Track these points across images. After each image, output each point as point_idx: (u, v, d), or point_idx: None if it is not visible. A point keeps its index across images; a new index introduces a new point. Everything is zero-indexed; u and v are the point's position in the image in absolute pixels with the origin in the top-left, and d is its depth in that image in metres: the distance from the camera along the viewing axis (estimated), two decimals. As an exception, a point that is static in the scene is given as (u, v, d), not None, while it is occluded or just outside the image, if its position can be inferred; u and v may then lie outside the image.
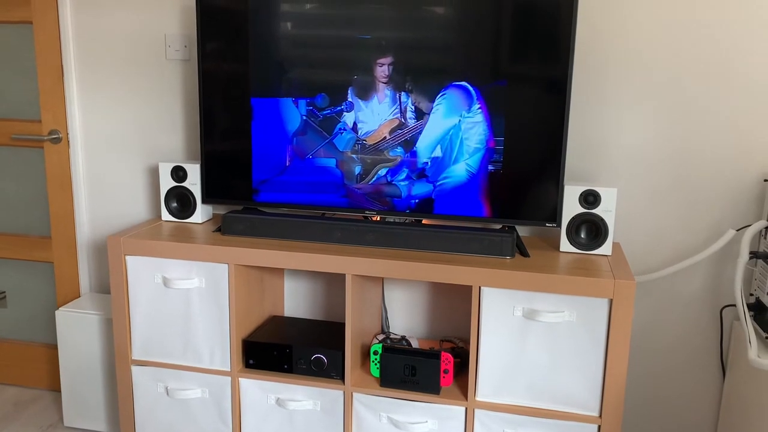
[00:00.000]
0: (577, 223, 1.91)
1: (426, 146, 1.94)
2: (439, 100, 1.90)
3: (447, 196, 1.95)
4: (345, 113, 1.98)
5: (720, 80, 1.97)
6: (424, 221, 2.03)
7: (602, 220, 1.89)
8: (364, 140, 1.98)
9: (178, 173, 2.17)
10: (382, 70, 1.93)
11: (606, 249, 1.91)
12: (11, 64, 2.49)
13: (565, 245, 1.93)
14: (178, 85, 2.34)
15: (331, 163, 2.02)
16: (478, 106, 1.88)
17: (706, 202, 2.04)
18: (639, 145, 2.05)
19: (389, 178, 1.98)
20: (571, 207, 1.91)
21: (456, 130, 1.91)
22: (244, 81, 2.03)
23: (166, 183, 2.18)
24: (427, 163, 1.95)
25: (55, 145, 2.47)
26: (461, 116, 1.90)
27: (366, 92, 1.95)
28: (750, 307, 1.94)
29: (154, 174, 2.43)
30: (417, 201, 1.98)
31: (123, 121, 2.42)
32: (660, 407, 2.20)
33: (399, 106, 1.93)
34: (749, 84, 1.95)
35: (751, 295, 2.00)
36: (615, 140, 2.06)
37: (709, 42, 1.95)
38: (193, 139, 2.37)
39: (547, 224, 1.91)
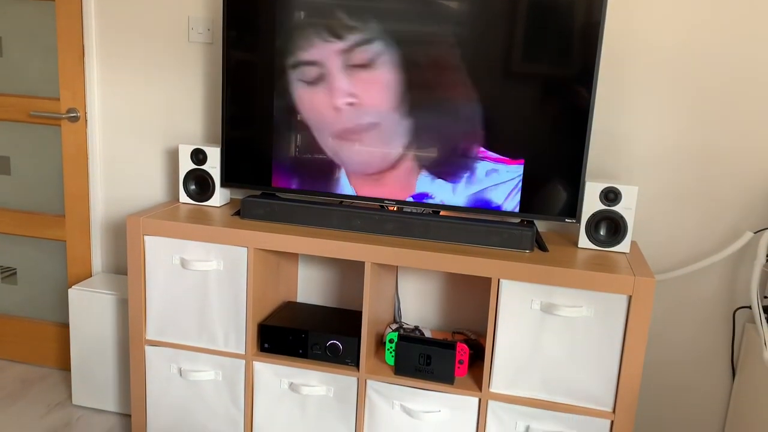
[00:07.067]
0: (596, 219, 1.92)
1: (446, 142, 1.94)
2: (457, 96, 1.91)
3: (467, 190, 1.96)
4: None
5: (743, 82, 1.97)
6: (441, 213, 2.04)
7: (622, 217, 1.90)
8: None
9: (198, 156, 2.17)
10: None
11: (624, 246, 1.92)
12: (32, 41, 2.48)
13: (584, 241, 1.94)
14: (200, 68, 2.33)
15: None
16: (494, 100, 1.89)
17: (725, 204, 2.05)
18: (660, 144, 2.06)
19: (410, 173, 1.99)
20: (591, 203, 1.91)
21: (475, 125, 1.92)
22: (268, 70, 2.03)
23: (186, 165, 2.18)
24: (446, 158, 1.95)
25: (73, 123, 2.47)
26: (479, 107, 1.90)
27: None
28: (766, 309, 1.96)
29: (170, 156, 2.43)
30: (435, 193, 1.98)
31: (142, 102, 2.41)
32: (669, 404, 2.21)
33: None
34: (772, 88, 1.96)
35: (766, 297, 2.02)
36: (636, 139, 2.07)
37: (733, 42, 1.96)
38: (211, 123, 2.37)
39: (566, 220, 1.92)
